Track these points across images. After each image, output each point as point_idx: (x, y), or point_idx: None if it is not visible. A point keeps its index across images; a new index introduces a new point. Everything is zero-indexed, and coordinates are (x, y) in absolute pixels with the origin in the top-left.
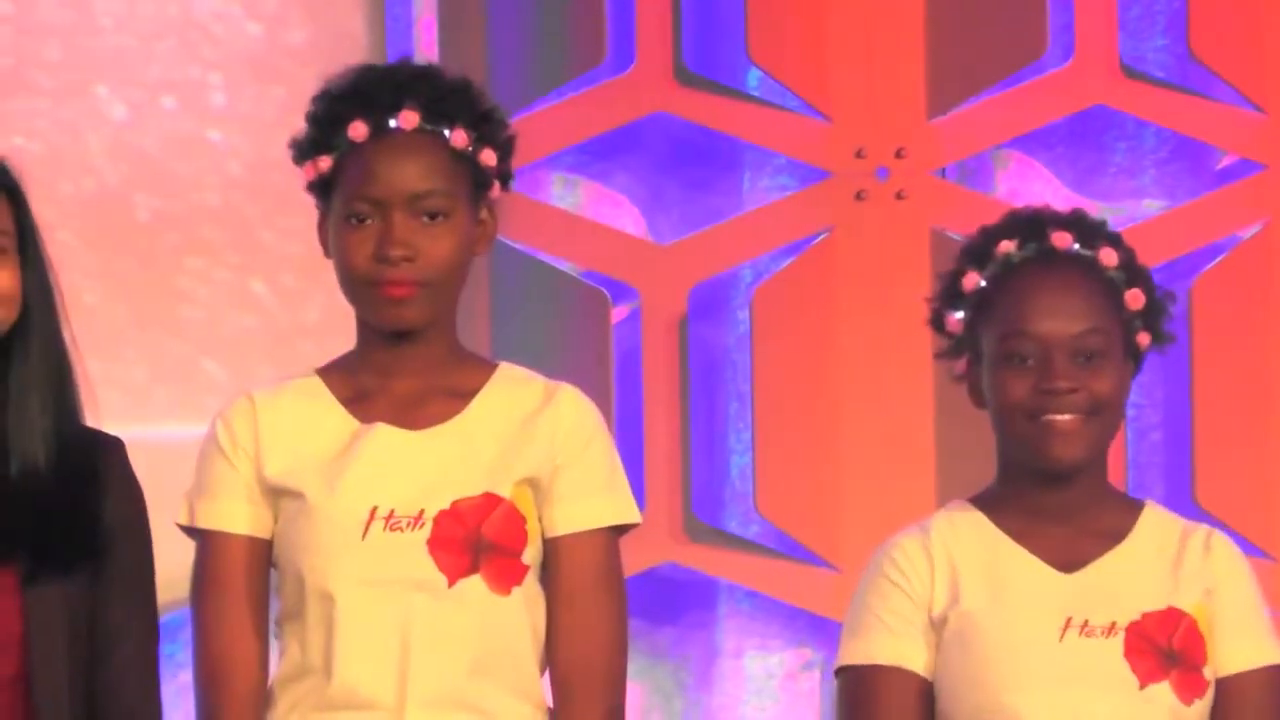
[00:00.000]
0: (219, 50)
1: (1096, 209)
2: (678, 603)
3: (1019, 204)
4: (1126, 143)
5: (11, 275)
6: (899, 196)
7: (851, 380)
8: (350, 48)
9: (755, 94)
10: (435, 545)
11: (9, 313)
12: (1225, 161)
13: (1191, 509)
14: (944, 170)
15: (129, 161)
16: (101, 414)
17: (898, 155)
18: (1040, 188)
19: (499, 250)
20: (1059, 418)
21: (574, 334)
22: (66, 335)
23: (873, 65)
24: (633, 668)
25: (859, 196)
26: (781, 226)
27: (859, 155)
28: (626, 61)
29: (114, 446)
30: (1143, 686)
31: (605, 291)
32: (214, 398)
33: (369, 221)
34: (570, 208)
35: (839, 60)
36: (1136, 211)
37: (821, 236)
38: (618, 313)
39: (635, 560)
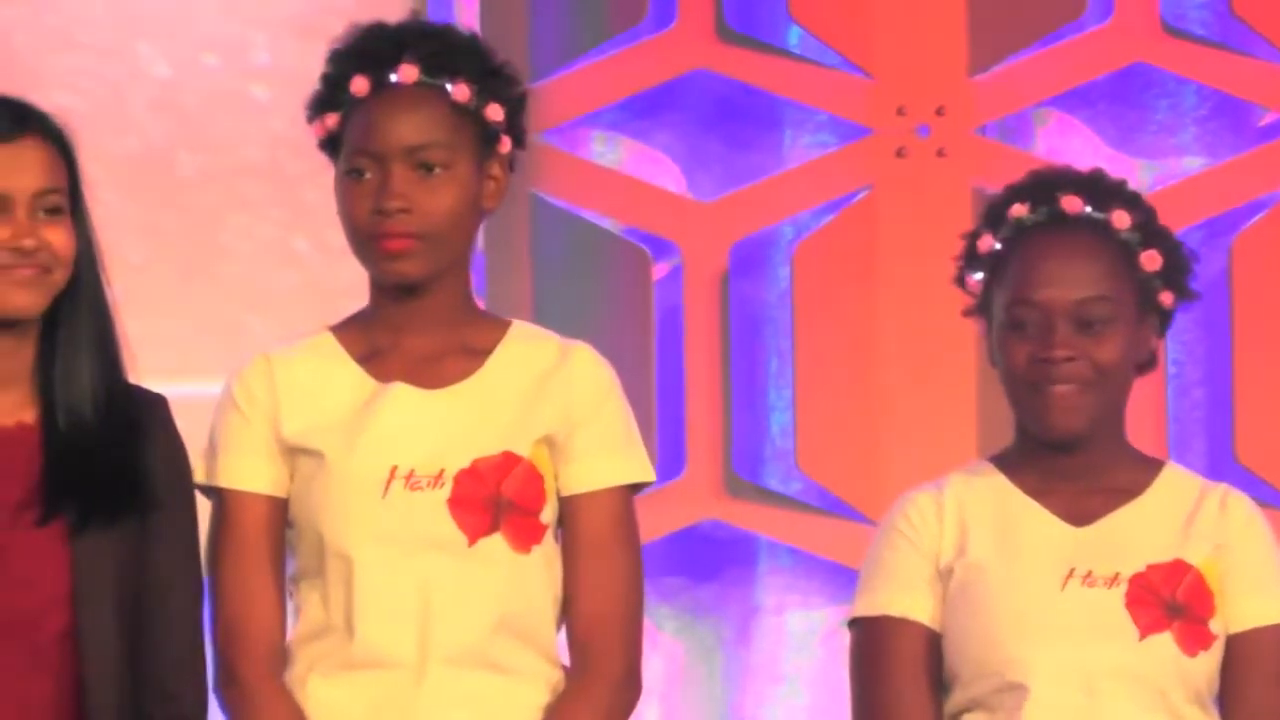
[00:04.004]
0: (262, 8)
1: (1136, 166)
2: (718, 560)
3: (1059, 162)
4: (1167, 100)
5: (68, 236)
6: (940, 154)
7: (892, 337)
8: (390, 5)
9: (796, 51)
10: (456, 504)
11: (65, 274)
12: (1267, 119)
13: (1232, 466)
14: (984, 128)
15: (172, 119)
16: (146, 370)
17: (939, 113)
18: (1080, 145)
19: (540, 207)
20: (1058, 388)
21: (615, 291)
22: (110, 294)
23: (914, 23)
24: (673, 625)
25: (900, 154)
26: (822, 184)
27: (900, 113)
28: (668, 19)
29: (157, 403)
30: (1143, 637)
31: (646, 249)
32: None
33: (368, 176)
34: (611, 165)
35: (880, 18)
36: (1177, 169)
37: (862, 194)
38: (659, 270)
39: (676, 517)
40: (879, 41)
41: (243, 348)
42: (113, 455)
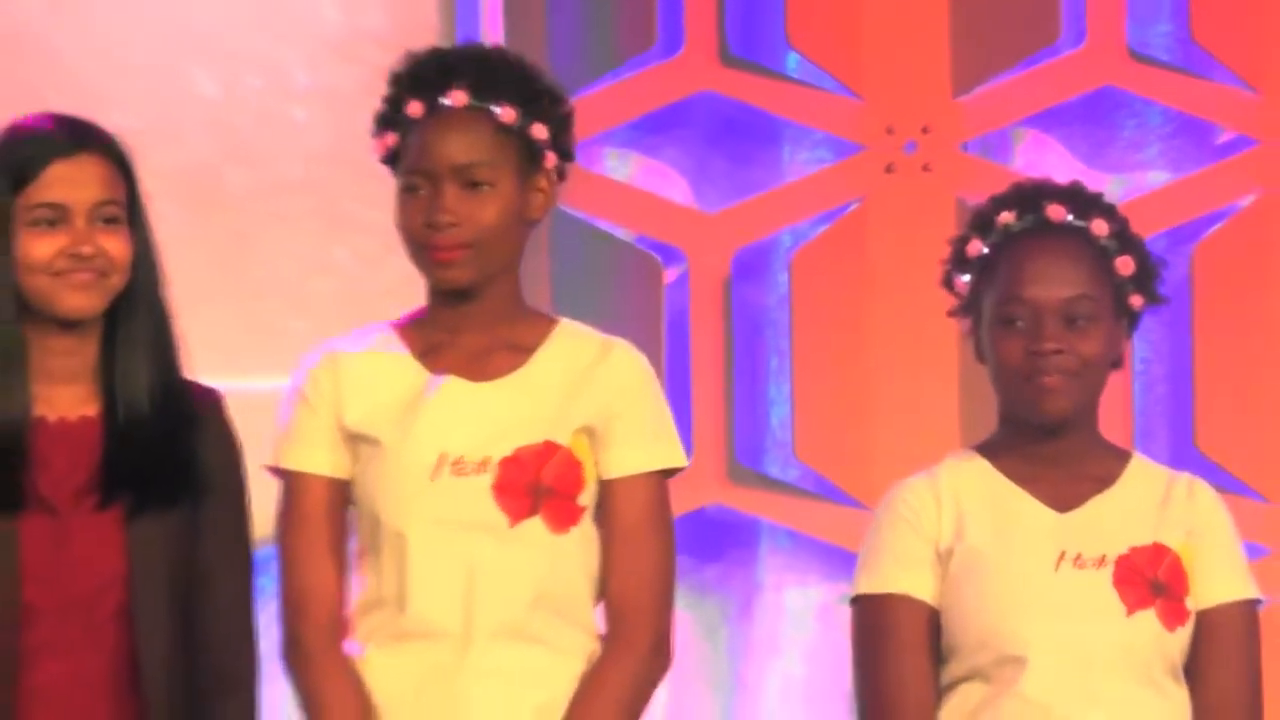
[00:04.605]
0: (302, 34)
1: (1106, 181)
2: (722, 541)
3: (1035, 175)
4: (1133, 120)
5: (124, 243)
6: (926, 169)
7: (882, 337)
8: (423, 30)
9: (794, 75)
10: (498, 489)
11: (122, 279)
12: (1223, 137)
13: (1193, 454)
14: (967, 145)
15: (220, 136)
16: (198, 368)
17: (924, 131)
18: (1055, 161)
19: (558, 218)
20: (1048, 378)
21: (627, 295)
22: (168, 296)
23: (902, 48)
24: (681, 601)
25: (889, 169)
26: (818, 196)
27: (889, 131)
28: (675, 45)
29: (212, 397)
30: (1130, 613)
31: (656, 256)
32: (299, 354)
33: (422, 191)
34: (624, 179)
35: (871, 44)
36: (1142, 183)
37: (854, 205)
38: (668, 275)
39: (683, 502)
40: (870, 66)
41: (284, 348)
42: (167, 446)
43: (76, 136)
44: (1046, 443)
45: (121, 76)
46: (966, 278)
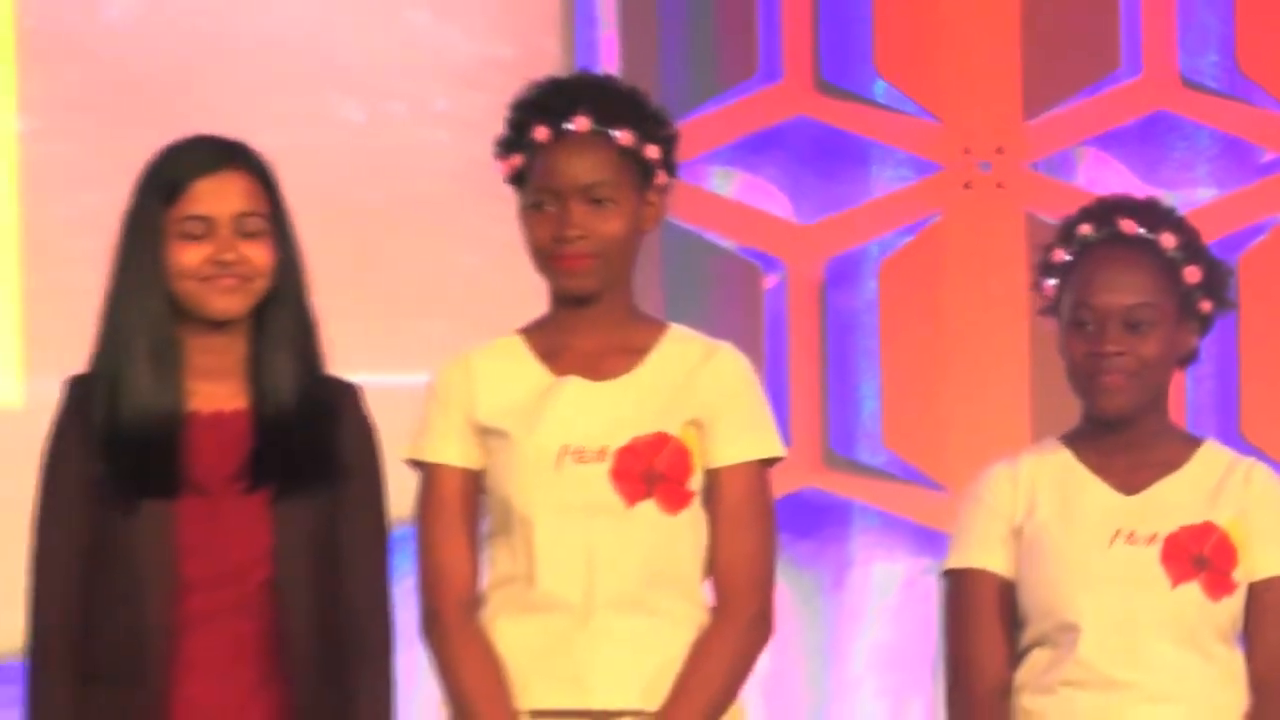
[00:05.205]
0: (437, 64)
1: (1160, 195)
2: (817, 521)
3: (1097, 192)
4: (1184, 142)
5: (266, 252)
6: (999, 186)
7: (959, 337)
8: (546, 60)
9: (881, 101)
10: (616, 475)
11: (265, 283)
12: (1266, 158)
13: (1238, 439)
14: (1035, 164)
15: (364, 157)
16: (339, 364)
17: (998, 151)
18: (1113, 178)
19: (669, 230)
20: (1107, 378)
21: (731, 299)
22: (312, 300)
23: (977, 77)
24: (781, 575)
25: (966, 186)
26: (902, 210)
27: (966, 151)
28: (774, 74)
29: (351, 391)
30: (1174, 586)
31: (757, 264)
32: (433, 352)
33: (549, 208)
34: (728, 195)
35: (950, 73)
36: (1192, 199)
37: (935, 219)
38: (767, 282)
39: (782, 486)
40: (948, 93)
41: (418, 347)
42: (310, 435)
43: (220, 155)
44: (1117, 433)
45: (276, 104)
46: (1052, 282)
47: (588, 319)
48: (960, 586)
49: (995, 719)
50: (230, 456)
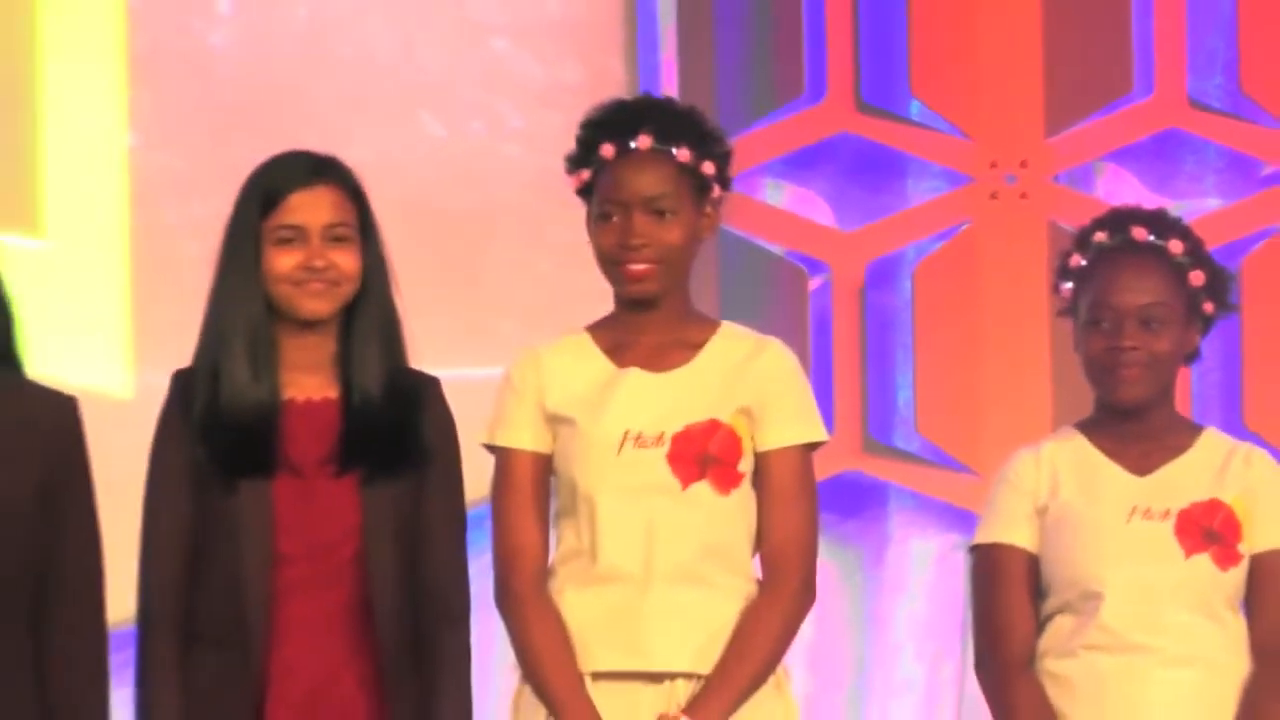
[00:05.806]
0: (512, 86)
1: (1170, 206)
2: (858, 501)
3: (1114, 203)
4: (1193, 156)
5: (353, 258)
6: (1023, 197)
7: (987, 333)
8: (611, 82)
9: (916, 119)
10: (672, 458)
11: (352, 286)
12: (1266, 170)
13: (1241, 428)
14: (1057, 176)
15: (446, 169)
16: (422, 359)
17: (1022, 165)
18: (1128, 190)
19: (724, 236)
20: (1124, 370)
21: (780, 299)
22: (398, 301)
23: (1004, 97)
24: (823, 551)
25: (993, 196)
26: (935, 218)
27: (993, 165)
28: (819, 94)
29: (432, 383)
30: (1187, 557)
31: (803, 267)
32: (509, 349)
33: (615, 218)
34: (778, 204)
35: (979, 94)
36: (1200, 208)
37: (965, 226)
38: (812, 283)
39: (825, 469)
40: (978, 112)
41: (494, 343)
42: (394, 424)
43: (313, 170)
44: (1129, 421)
45: (368, 121)
46: (1069, 285)
47: (649, 318)
48: (989, 560)
49: (1022, 680)
50: (322, 441)
